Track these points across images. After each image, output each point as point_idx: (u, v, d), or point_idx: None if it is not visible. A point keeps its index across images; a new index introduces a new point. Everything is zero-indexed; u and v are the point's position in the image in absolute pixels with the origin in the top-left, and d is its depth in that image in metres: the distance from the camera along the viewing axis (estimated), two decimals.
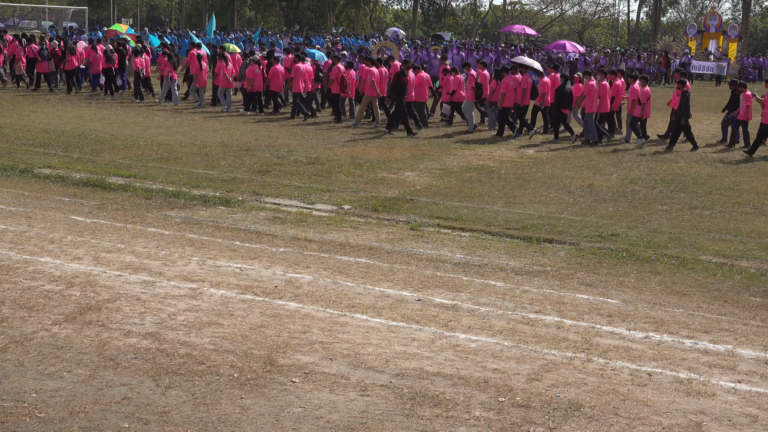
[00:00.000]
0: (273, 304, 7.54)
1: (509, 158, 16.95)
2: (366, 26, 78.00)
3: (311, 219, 11.21)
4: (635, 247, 10.22)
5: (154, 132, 18.46)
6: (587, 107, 19.35)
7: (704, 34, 50.20)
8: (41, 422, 5.13)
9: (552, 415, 5.51)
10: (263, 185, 13.29)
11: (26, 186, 12.67)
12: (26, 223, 10.16)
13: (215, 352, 6.33)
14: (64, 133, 17.77)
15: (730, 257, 9.93)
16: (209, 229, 10.41)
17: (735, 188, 14.30)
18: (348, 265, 9.02)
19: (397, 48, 34.83)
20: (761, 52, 66.52)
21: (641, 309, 7.89)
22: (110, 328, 6.74)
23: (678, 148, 18.85)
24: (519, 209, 12.21)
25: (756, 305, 8.21)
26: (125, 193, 12.39)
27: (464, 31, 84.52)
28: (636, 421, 5.49)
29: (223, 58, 23.16)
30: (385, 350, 6.52)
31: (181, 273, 8.39)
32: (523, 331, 7.11)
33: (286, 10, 75.20)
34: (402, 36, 55.63)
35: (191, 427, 5.16)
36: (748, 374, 6.38)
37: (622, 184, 14.35)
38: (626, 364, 6.46)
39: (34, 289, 7.62)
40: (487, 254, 9.76)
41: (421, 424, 5.31)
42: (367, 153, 16.75)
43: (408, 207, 12.14)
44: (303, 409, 5.46)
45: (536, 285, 8.59)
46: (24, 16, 67.18)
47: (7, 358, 6.07)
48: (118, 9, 72.09)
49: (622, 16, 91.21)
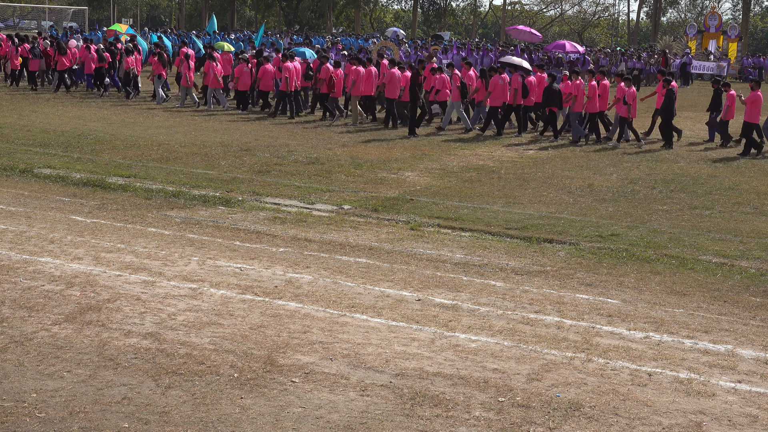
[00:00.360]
0: (273, 304, 7.55)
1: (509, 158, 16.96)
2: (366, 26, 78.01)
3: (311, 219, 11.21)
4: (635, 247, 10.22)
5: (154, 132, 18.46)
6: (574, 107, 19.56)
7: (704, 34, 50.21)
8: (41, 422, 5.13)
9: (552, 415, 5.51)
10: (263, 185, 13.29)
11: (26, 186, 12.67)
12: (26, 223, 10.16)
13: (215, 352, 6.33)
14: (64, 133, 17.77)
15: (730, 257, 9.93)
16: (209, 229, 10.41)
17: (735, 188, 14.30)
18: (348, 265, 9.02)
19: (397, 48, 34.83)
20: (761, 52, 66.48)
21: (641, 309, 7.89)
22: (110, 328, 6.74)
23: (677, 149, 18.85)
24: (519, 209, 12.21)
25: (756, 305, 8.21)
26: (125, 193, 12.40)
27: (464, 31, 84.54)
28: (636, 421, 5.49)
29: (211, 58, 23.26)
30: (385, 350, 6.52)
31: (181, 273, 8.39)
32: (523, 331, 7.11)
33: (286, 10, 75.21)
34: (402, 36, 55.63)
35: (191, 427, 5.16)
36: (748, 374, 6.38)
37: (622, 184, 14.35)
38: (626, 364, 6.46)
39: (34, 289, 7.62)
40: (487, 254, 9.76)
41: (421, 424, 5.31)
42: (367, 153, 16.75)
43: (408, 207, 12.14)
44: (303, 409, 5.46)
45: (536, 285, 8.59)
46: (24, 16, 67.19)
47: (7, 358, 6.07)
48: (118, 9, 72.12)
49: (622, 16, 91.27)
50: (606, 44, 73.28)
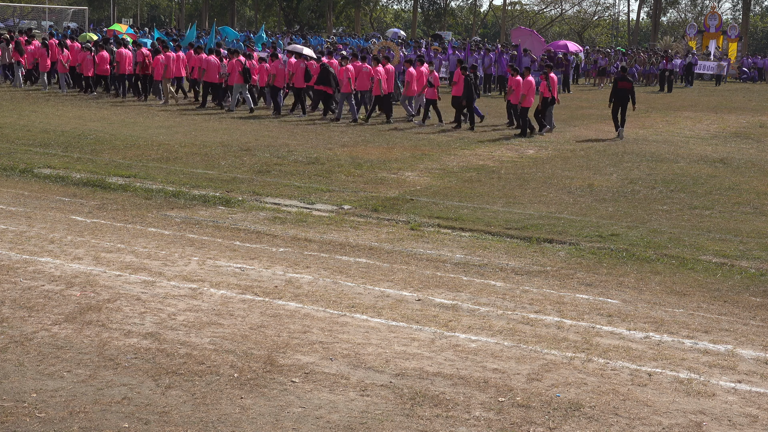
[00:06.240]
0: (273, 304, 7.55)
1: (509, 158, 16.96)
2: (366, 26, 78.00)
3: (311, 219, 11.21)
4: (635, 247, 10.22)
5: (154, 132, 18.46)
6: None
7: (704, 34, 50.23)
8: (41, 422, 5.13)
9: (552, 415, 5.51)
10: (263, 185, 13.29)
11: (26, 186, 12.67)
12: (26, 223, 10.16)
13: (215, 352, 6.33)
14: (64, 133, 17.77)
15: (730, 257, 9.93)
16: (209, 229, 10.41)
17: (735, 188, 14.30)
18: (348, 265, 9.02)
19: (398, 48, 34.81)
20: (761, 52, 66.50)
21: (641, 309, 7.89)
22: (110, 328, 6.74)
23: (679, 149, 18.84)
24: (519, 209, 12.21)
25: (756, 305, 8.21)
26: (125, 193, 12.40)
27: (464, 31, 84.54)
28: (636, 421, 5.49)
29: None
30: (385, 350, 6.52)
31: (181, 273, 8.39)
32: (523, 331, 7.11)
33: (286, 10, 75.18)
34: (402, 36, 55.63)
35: (191, 427, 5.16)
36: (748, 374, 6.38)
37: (622, 184, 14.35)
38: (626, 364, 6.46)
39: (34, 289, 7.62)
40: (487, 254, 9.76)
41: (421, 424, 5.31)
42: (367, 153, 16.75)
43: (408, 207, 12.14)
44: (303, 409, 5.46)
45: (536, 285, 8.59)
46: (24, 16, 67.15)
47: (7, 358, 6.07)
48: (118, 9, 72.08)
49: (622, 15, 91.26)
50: (606, 44, 73.25)
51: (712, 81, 45.67)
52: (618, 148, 18.59)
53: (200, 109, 23.32)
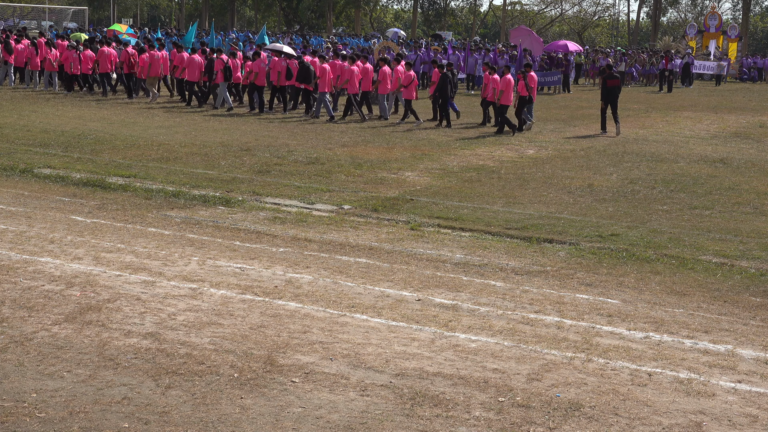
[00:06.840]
0: (273, 304, 7.55)
1: (509, 158, 16.96)
2: (366, 26, 78.00)
3: (311, 219, 11.21)
4: (635, 247, 10.22)
5: (154, 132, 18.47)
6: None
7: (704, 34, 50.21)
8: (41, 422, 5.13)
9: (552, 415, 5.51)
10: (263, 185, 13.30)
11: (26, 186, 12.68)
12: (26, 223, 10.16)
13: (215, 352, 6.33)
14: (64, 133, 17.77)
15: (730, 257, 9.93)
16: (209, 229, 10.41)
17: (735, 188, 14.30)
18: (348, 265, 9.02)
19: (398, 48, 34.82)
20: (761, 52, 66.50)
21: (641, 309, 7.89)
22: (110, 328, 6.74)
23: (679, 149, 18.85)
24: (519, 209, 12.21)
25: (756, 305, 8.21)
26: (125, 193, 12.40)
27: (464, 31, 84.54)
28: (636, 421, 5.49)
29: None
30: (385, 350, 6.52)
31: (181, 273, 8.39)
32: (523, 331, 7.11)
33: (286, 10, 75.18)
34: (403, 36, 55.62)
35: (191, 427, 5.16)
36: (748, 374, 6.38)
37: (622, 184, 14.35)
38: (626, 364, 6.46)
39: (34, 289, 7.62)
40: (487, 254, 9.76)
41: (421, 424, 5.31)
42: (367, 153, 16.76)
43: (408, 207, 12.14)
44: (303, 409, 5.46)
45: (536, 285, 8.59)
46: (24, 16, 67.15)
47: (7, 358, 6.07)
48: (118, 9, 72.08)
49: (622, 16, 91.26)
50: (606, 44, 73.26)
51: (712, 81, 45.67)
52: (618, 148, 18.59)
53: (198, 109, 23.33)
